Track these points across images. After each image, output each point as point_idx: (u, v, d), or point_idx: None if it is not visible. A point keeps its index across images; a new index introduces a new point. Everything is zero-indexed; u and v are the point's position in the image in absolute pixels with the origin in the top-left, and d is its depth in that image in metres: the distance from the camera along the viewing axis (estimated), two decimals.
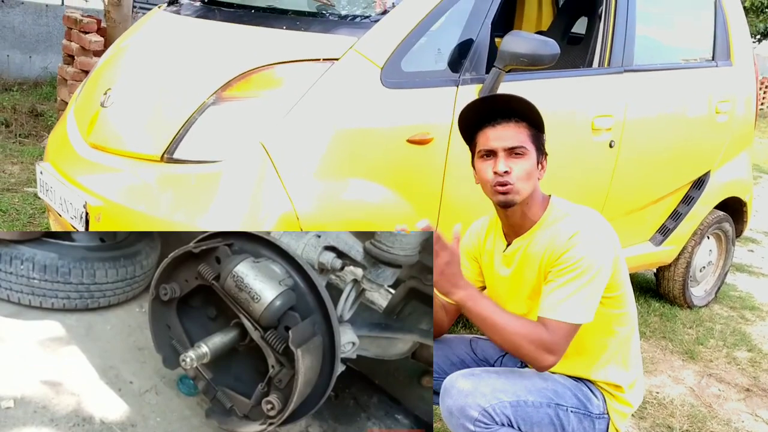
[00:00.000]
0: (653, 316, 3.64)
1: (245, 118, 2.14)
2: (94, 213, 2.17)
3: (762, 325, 3.78)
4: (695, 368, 3.13)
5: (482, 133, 1.76)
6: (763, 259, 5.13)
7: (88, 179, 2.29)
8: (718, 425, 2.65)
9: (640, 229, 3.41)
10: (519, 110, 1.75)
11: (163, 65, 2.49)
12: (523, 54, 2.29)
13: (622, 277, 1.82)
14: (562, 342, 1.70)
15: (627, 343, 1.89)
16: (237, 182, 2.06)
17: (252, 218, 2.03)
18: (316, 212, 2.09)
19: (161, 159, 2.15)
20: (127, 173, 2.21)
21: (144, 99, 2.40)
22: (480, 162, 1.78)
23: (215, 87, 2.18)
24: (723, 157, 3.57)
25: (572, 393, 1.83)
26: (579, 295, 1.69)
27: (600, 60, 2.98)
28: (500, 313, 1.71)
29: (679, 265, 3.67)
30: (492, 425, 1.70)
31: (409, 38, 2.26)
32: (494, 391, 1.72)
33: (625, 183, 3.07)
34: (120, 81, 2.55)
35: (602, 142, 2.88)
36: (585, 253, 1.69)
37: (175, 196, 2.09)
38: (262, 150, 2.06)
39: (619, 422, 1.89)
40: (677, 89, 3.29)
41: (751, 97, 3.69)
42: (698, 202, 3.51)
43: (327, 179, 2.13)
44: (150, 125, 2.29)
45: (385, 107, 2.22)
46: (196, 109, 2.16)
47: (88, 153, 2.38)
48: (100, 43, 4.88)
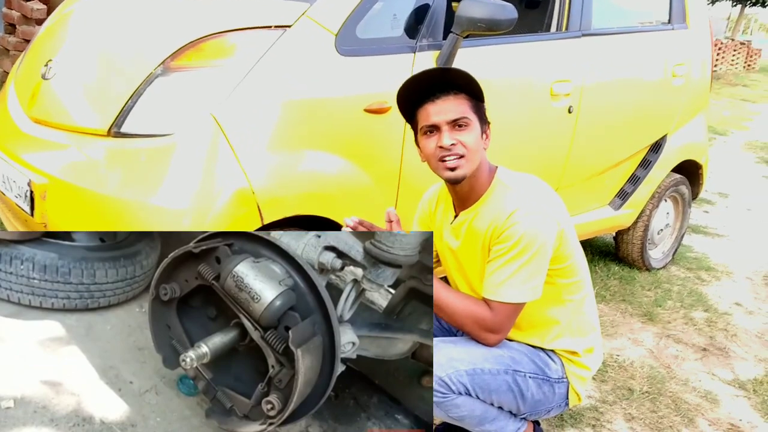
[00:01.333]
0: (613, 280, 3.69)
1: (196, 88, 2.05)
2: (39, 191, 2.07)
3: (717, 285, 3.86)
4: (654, 330, 3.19)
5: (422, 109, 1.73)
6: (718, 219, 5.25)
7: (31, 156, 2.19)
8: (676, 385, 2.71)
9: (599, 193, 3.43)
10: (457, 82, 1.71)
11: (107, 33, 2.38)
12: (480, 19, 2.23)
13: (570, 247, 1.82)
14: (505, 322, 1.74)
15: (580, 309, 1.90)
16: (189, 156, 1.98)
17: (206, 194, 1.96)
18: (271, 186, 2.04)
19: (108, 133, 2.05)
20: (73, 149, 2.12)
21: (88, 70, 2.29)
22: (423, 139, 1.75)
23: (163, 56, 2.08)
24: (679, 121, 3.60)
25: (530, 359, 1.84)
26: (520, 274, 1.69)
27: (558, 24, 2.95)
28: (445, 291, 1.75)
29: (638, 228, 3.72)
30: (449, 394, 1.71)
31: (363, 4, 2.19)
32: (450, 360, 1.73)
33: (584, 148, 3.07)
34: (62, 51, 2.43)
35: (561, 108, 2.86)
36: (524, 231, 1.68)
37: (124, 173, 2.01)
38: (214, 122, 1.98)
39: (578, 386, 1.91)
40: (634, 53, 3.29)
41: (706, 60, 3.71)
42: (656, 166, 3.54)
43: (282, 151, 2.07)
44: (95, 98, 2.19)
45: (341, 76, 2.16)
46: (144, 80, 2.07)
47: (31, 128, 2.28)
48: (43, 11, 4.67)
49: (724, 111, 11.56)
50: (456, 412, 1.73)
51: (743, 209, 5.65)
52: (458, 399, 1.71)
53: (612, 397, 2.56)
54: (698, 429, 2.44)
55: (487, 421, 1.78)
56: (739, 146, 8.75)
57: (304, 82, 2.09)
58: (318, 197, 2.15)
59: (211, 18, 2.19)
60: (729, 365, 2.94)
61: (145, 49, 2.17)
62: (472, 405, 1.74)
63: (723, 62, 19.11)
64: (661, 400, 2.58)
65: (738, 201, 5.89)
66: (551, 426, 2.32)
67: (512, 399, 1.79)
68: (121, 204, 1.98)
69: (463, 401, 1.72)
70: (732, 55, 20.14)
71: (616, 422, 2.41)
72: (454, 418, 1.75)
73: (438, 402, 1.70)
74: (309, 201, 2.13)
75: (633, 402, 2.54)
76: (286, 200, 2.07)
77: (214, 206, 1.96)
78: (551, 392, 1.86)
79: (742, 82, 17.37)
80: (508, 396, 1.78)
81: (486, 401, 1.76)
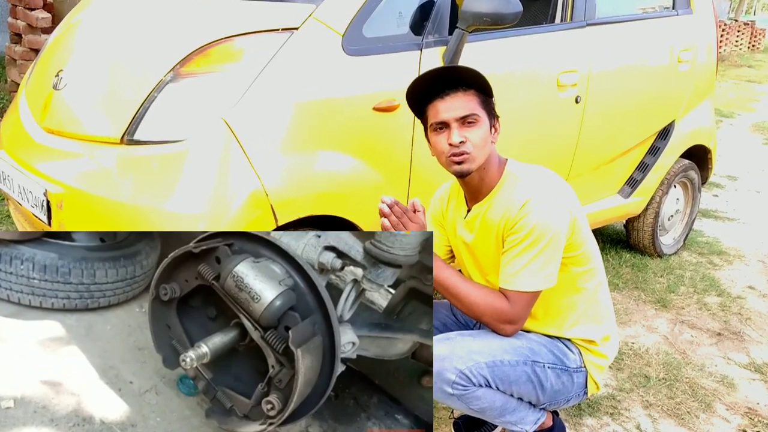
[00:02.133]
0: (625, 267, 3.69)
1: (206, 94, 2.07)
2: (56, 200, 2.10)
3: (729, 269, 3.86)
4: (668, 316, 3.20)
5: (432, 106, 1.76)
6: (727, 203, 5.23)
7: (46, 166, 2.21)
8: (692, 371, 2.72)
9: (608, 182, 3.44)
10: (465, 79, 1.74)
11: (117, 42, 2.40)
12: (485, 13, 2.24)
13: (583, 235, 1.84)
14: (522, 311, 1.76)
15: (595, 297, 1.91)
16: (202, 162, 2.00)
17: (220, 197, 1.99)
18: (285, 187, 2.05)
19: (121, 141, 2.07)
20: (87, 158, 2.14)
21: (99, 79, 2.31)
22: (434, 135, 1.78)
23: (173, 63, 2.11)
24: (687, 106, 3.60)
25: (548, 349, 1.85)
26: (535, 263, 1.71)
27: (562, 15, 2.95)
28: (462, 282, 1.77)
29: (648, 215, 3.72)
30: (470, 386, 1.73)
31: (369, 3, 2.21)
32: (470, 353, 1.74)
33: (593, 138, 3.07)
34: (72, 61, 2.45)
35: (568, 98, 2.87)
36: (537, 221, 1.70)
37: (138, 180, 2.03)
38: (225, 127, 2.00)
39: (596, 375, 1.93)
40: (640, 40, 3.29)
41: (711, 45, 3.71)
42: (664, 152, 3.54)
43: (294, 153, 2.09)
44: (107, 106, 2.22)
45: (349, 75, 2.17)
46: (154, 87, 2.09)
47: (44, 138, 2.30)
48: (48, 20, 4.69)
49: (729, 93, 11.50)
50: (477, 404, 1.75)
51: (753, 192, 5.64)
52: (479, 391, 1.73)
53: (629, 385, 2.57)
54: (716, 414, 2.45)
55: (508, 412, 1.80)
56: (746, 128, 8.71)
57: (314, 84, 2.11)
58: (331, 197, 2.17)
59: (219, 23, 2.20)
60: (744, 349, 2.95)
61: (155, 57, 2.19)
62: (493, 397, 1.75)
63: (727, 43, 18.98)
64: (677, 386, 2.59)
65: (747, 183, 5.87)
66: (569, 415, 2.34)
67: (532, 390, 1.80)
68: (137, 210, 2.00)
69: (484, 393, 1.74)
70: (736, 36, 20.01)
71: (634, 410, 2.42)
72: (475, 411, 1.77)
73: (459, 395, 1.72)
74: (322, 201, 2.15)
75: (650, 389, 2.55)
76: (300, 201, 2.09)
77: (229, 210, 1.98)
78: (570, 382, 1.87)
79: (746, 62, 17.27)
80: (528, 387, 1.80)
81: (506, 392, 1.78)
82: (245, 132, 2.01)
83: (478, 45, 2.47)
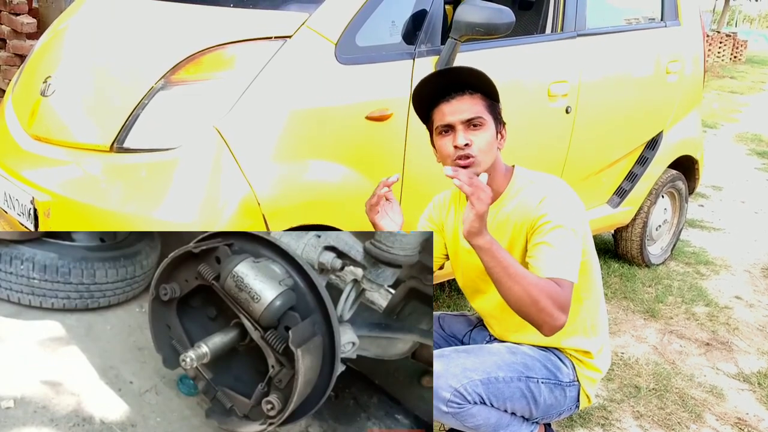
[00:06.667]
0: (613, 277, 3.70)
1: (197, 102, 2.05)
2: (43, 208, 2.07)
3: (716, 279, 3.88)
4: (657, 326, 3.20)
5: (437, 109, 1.74)
6: (713, 213, 5.28)
7: (33, 173, 2.18)
8: (682, 381, 2.72)
9: (597, 192, 3.45)
10: (472, 82, 1.73)
11: (106, 48, 2.37)
12: (478, 23, 2.24)
13: (587, 242, 1.83)
14: (570, 300, 1.63)
15: (594, 309, 1.91)
16: (192, 170, 1.98)
17: (211, 206, 1.96)
18: (276, 196, 2.03)
19: (110, 149, 2.05)
20: (75, 165, 2.11)
21: (88, 85, 2.29)
22: (439, 139, 1.76)
23: (164, 70, 2.08)
24: (674, 117, 3.63)
25: (542, 364, 1.84)
26: (569, 254, 1.66)
27: (553, 25, 2.96)
28: (519, 265, 1.63)
29: (636, 225, 3.73)
30: (465, 404, 1.71)
31: (362, 12, 2.20)
32: (464, 370, 1.72)
33: (583, 147, 3.08)
34: (60, 67, 2.42)
35: (559, 108, 2.88)
36: (557, 214, 1.69)
37: (128, 188, 2.00)
38: (217, 135, 1.98)
39: (589, 388, 1.92)
40: (629, 51, 3.31)
41: (698, 56, 3.74)
42: (652, 163, 3.56)
43: (286, 161, 2.07)
44: (96, 113, 2.19)
45: (342, 84, 2.16)
46: (145, 94, 2.06)
47: (31, 145, 2.27)
48: (33, 25, 4.65)
49: (713, 103, 11.62)
50: (472, 422, 1.73)
51: (737, 202, 5.69)
52: (474, 408, 1.71)
53: (619, 396, 2.57)
54: (706, 424, 2.46)
55: (502, 428, 1.79)
56: (730, 139, 8.80)
57: (306, 92, 2.09)
58: (322, 206, 2.15)
59: (211, 31, 2.18)
60: (732, 359, 2.96)
61: (145, 64, 2.17)
62: (488, 413, 1.74)
63: (710, 54, 19.21)
64: (668, 396, 2.59)
65: (732, 194, 5.92)
66: (561, 427, 2.33)
67: (525, 405, 1.79)
68: (126, 219, 1.97)
69: (479, 410, 1.72)
70: (718, 47, 20.27)
71: (625, 420, 2.42)
72: (470, 428, 1.75)
73: (453, 413, 1.70)
74: (314, 210, 2.13)
75: (640, 399, 2.55)
76: (291, 210, 2.07)
77: (220, 219, 1.95)
78: (563, 396, 1.87)
79: (729, 74, 17.48)
80: (522, 402, 1.79)
81: (500, 408, 1.76)
82: (237, 140, 1.99)
83: (471, 54, 2.46)
